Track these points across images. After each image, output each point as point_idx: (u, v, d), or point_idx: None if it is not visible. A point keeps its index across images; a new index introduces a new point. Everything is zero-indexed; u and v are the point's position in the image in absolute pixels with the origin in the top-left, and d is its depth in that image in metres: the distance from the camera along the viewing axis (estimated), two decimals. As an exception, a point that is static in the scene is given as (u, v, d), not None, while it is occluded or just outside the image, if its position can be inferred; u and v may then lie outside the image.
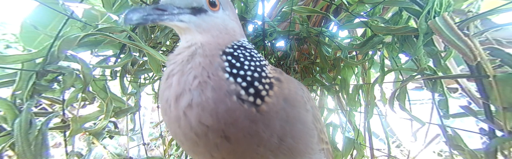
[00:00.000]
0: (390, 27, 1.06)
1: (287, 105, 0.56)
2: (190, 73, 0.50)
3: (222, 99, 0.48)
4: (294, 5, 1.45)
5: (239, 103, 0.49)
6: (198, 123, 0.48)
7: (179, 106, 0.49)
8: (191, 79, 0.49)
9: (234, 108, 0.48)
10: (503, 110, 0.71)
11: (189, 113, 0.48)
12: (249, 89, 0.51)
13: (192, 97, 0.48)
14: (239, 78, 0.51)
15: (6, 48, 4.48)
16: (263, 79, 0.54)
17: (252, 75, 0.53)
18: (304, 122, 0.59)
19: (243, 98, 0.49)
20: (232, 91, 0.49)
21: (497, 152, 0.75)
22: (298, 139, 0.56)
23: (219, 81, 0.49)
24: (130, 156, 1.35)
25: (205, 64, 0.51)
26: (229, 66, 0.52)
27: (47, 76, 0.88)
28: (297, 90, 0.64)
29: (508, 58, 0.70)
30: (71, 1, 1.01)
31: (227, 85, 0.49)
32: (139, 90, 1.39)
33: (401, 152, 3.45)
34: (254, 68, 0.54)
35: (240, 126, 0.49)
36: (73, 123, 0.96)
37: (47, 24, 1.49)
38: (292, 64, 2.03)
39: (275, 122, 0.52)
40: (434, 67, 0.97)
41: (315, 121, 0.65)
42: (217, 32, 0.56)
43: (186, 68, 0.51)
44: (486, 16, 0.77)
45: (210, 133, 0.48)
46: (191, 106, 0.48)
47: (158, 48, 1.38)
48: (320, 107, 1.81)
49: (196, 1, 0.53)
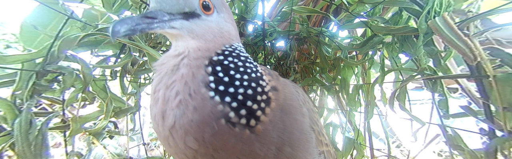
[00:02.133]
0: (390, 27, 1.06)
1: (283, 114, 0.53)
2: (173, 88, 0.46)
3: (207, 122, 0.43)
4: (294, 5, 1.45)
5: (228, 127, 0.43)
6: (184, 146, 0.44)
7: (165, 126, 0.46)
8: (173, 95, 0.45)
9: (223, 132, 0.43)
10: (503, 110, 0.71)
11: (175, 135, 0.45)
12: (240, 110, 0.45)
13: (175, 117, 0.44)
14: (228, 97, 0.45)
15: (6, 48, 4.48)
16: (259, 96, 0.48)
17: (245, 92, 0.46)
18: (301, 128, 0.56)
19: (233, 121, 0.44)
20: (219, 113, 0.43)
21: (497, 152, 0.75)
22: (297, 147, 0.53)
23: (202, 101, 0.43)
24: (130, 156, 1.35)
25: (188, 77, 0.46)
26: (214, 81, 0.46)
27: (47, 76, 0.88)
28: (293, 95, 0.61)
29: (508, 58, 0.70)
30: (71, 1, 1.01)
31: (211, 106, 0.43)
32: (139, 90, 1.39)
33: (401, 152, 3.45)
34: (247, 83, 0.48)
35: (231, 150, 0.45)
36: (73, 123, 0.96)
37: (47, 24, 1.49)
38: (292, 64, 2.03)
39: (272, 136, 0.48)
40: (434, 67, 0.97)
41: (312, 124, 0.63)
42: (211, 36, 0.52)
43: (169, 81, 0.47)
44: (486, 16, 0.77)
45: (198, 156, 0.45)
46: (175, 128, 0.44)
47: (158, 48, 1.38)
48: (320, 107, 1.80)
49: (188, 6, 0.49)
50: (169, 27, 0.47)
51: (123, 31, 0.40)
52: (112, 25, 0.40)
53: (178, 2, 0.48)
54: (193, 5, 0.50)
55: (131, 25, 0.41)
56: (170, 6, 0.48)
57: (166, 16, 0.47)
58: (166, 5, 0.47)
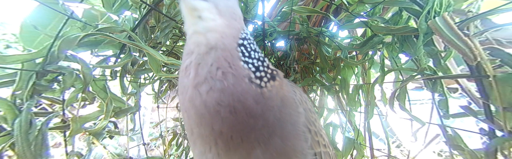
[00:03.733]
0: (390, 27, 1.06)
1: (281, 104, 0.60)
2: (213, 65, 0.55)
3: (239, 83, 0.54)
4: (294, 5, 1.45)
5: (249, 84, 0.55)
6: (215, 104, 0.53)
7: (199, 91, 0.54)
8: (214, 69, 0.54)
9: (247, 89, 0.55)
10: (503, 110, 0.71)
11: (208, 97, 0.54)
12: (256, 73, 0.57)
13: (215, 84, 0.54)
14: (250, 65, 0.58)
15: (6, 48, 4.48)
16: (266, 68, 0.60)
17: (257, 62, 0.59)
18: (295, 123, 0.62)
19: (252, 80, 0.56)
20: (247, 75, 0.56)
21: (497, 152, 0.75)
22: (286, 140, 0.59)
23: (238, 69, 0.55)
24: (130, 156, 1.35)
25: (226, 56, 0.56)
26: (243, 56, 0.57)
27: (47, 76, 0.88)
28: (290, 94, 0.67)
29: (508, 58, 0.70)
30: (71, 1, 1.01)
31: (243, 71, 0.56)
32: (139, 90, 1.39)
33: (401, 152, 3.45)
34: (258, 58, 0.60)
35: (247, 104, 0.55)
36: (73, 123, 0.96)
37: (47, 24, 1.49)
38: (292, 64, 2.03)
39: (269, 114, 0.57)
40: (434, 67, 0.97)
41: (308, 123, 0.66)
42: (230, 19, 0.59)
43: (207, 60, 0.55)
44: (486, 16, 0.76)
45: (222, 109, 0.54)
46: (213, 91, 0.53)
47: (158, 48, 1.38)
48: (320, 107, 1.81)
49: None
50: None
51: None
52: None
53: None
54: None
55: None
56: None
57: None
58: None
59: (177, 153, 1.93)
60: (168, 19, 1.28)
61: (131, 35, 1.03)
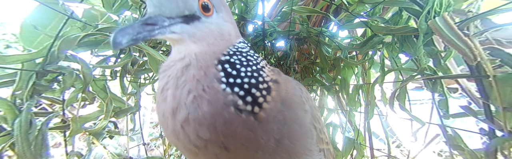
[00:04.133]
0: (390, 27, 1.06)
1: (284, 107, 0.55)
2: (185, 87, 0.49)
3: (219, 112, 0.47)
4: (294, 5, 1.45)
5: (237, 114, 0.48)
6: (196, 137, 0.48)
7: (176, 121, 0.49)
8: (186, 93, 0.48)
9: (232, 120, 0.48)
10: (503, 110, 0.71)
11: (186, 128, 0.48)
12: (246, 97, 0.49)
13: (189, 111, 0.47)
14: (236, 87, 0.49)
15: (6, 48, 4.48)
16: (260, 84, 0.53)
17: (249, 82, 0.51)
18: (302, 123, 0.58)
19: (241, 108, 0.48)
20: (229, 102, 0.48)
21: (497, 152, 0.75)
22: (295, 141, 0.55)
23: (216, 94, 0.48)
24: (130, 156, 1.35)
25: (199, 76, 0.49)
26: (225, 76, 0.50)
27: (47, 76, 0.88)
28: (295, 91, 0.63)
29: (508, 58, 0.70)
30: (71, 1, 1.01)
31: (224, 97, 0.48)
32: (139, 90, 1.39)
33: (401, 152, 3.45)
34: (251, 74, 0.53)
35: (238, 136, 0.49)
36: (73, 123, 0.96)
37: (47, 24, 1.49)
38: (292, 64, 2.03)
39: (272, 126, 0.52)
40: (434, 67, 0.97)
41: (314, 121, 0.64)
42: (213, 39, 0.53)
43: (180, 81, 0.50)
44: (486, 16, 0.77)
45: (209, 145, 0.48)
46: (188, 121, 0.47)
47: (158, 48, 1.38)
48: (320, 107, 1.81)
49: (188, 8, 0.48)
50: (169, 32, 0.47)
51: (126, 41, 0.39)
52: (113, 36, 0.39)
53: (178, 5, 0.47)
54: (193, 7, 0.49)
55: (132, 34, 0.40)
56: (170, 10, 0.47)
57: (166, 21, 0.46)
58: (165, 9, 0.46)
59: (177, 153, 1.93)
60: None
61: (131, 35, 1.03)
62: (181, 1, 0.47)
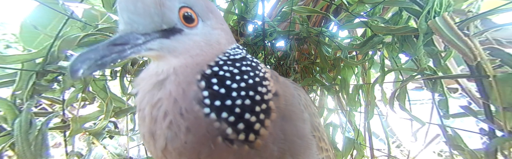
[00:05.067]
0: (390, 27, 1.06)
1: (284, 121, 0.48)
2: (161, 107, 0.41)
3: (202, 143, 0.39)
4: (294, 5, 1.45)
5: (226, 145, 0.40)
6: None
7: (157, 147, 0.42)
8: (162, 115, 0.41)
9: (221, 151, 0.40)
10: (503, 110, 0.71)
11: (168, 156, 0.42)
12: (238, 124, 0.40)
13: (166, 139, 0.40)
14: (224, 113, 0.40)
15: (6, 48, 4.48)
16: (257, 106, 0.43)
17: (243, 103, 0.42)
18: (302, 135, 0.53)
19: (231, 137, 0.40)
20: (215, 131, 0.39)
21: (497, 152, 0.75)
22: (297, 155, 0.49)
23: (196, 120, 0.39)
24: (130, 156, 1.36)
25: (177, 94, 0.41)
26: (209, 96, 0.40)
27: (47, 76, 0.88)
28: (294, 99, 0.57)
29: (508, 58, 0.70)
30: (71, 1, 1.01)
31: (206, 125, 0.39)
32: (139, 90, 1.39)
33: (401, 152, 3.45)
34: (245, 92, 0.43)
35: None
36: (73, 123, 0.96)
37: (47, 24, 1.49)
38: (292, 64, 2.03)
39: (273, 149, 0.45)
40: (434, 67, 0.97)
41: (313, 130, 0.60)
42: (198, 50, 0.46)
43: (154, 99, 0.42)
44: (486, 16, 0.77)
45: None
46: (167, 150, 0.41)
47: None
48: (320, 107, 1.81)
49: (166, 22, 0.42)
50: (146, 50, 0.41)
51: (86, 68, 0.32)
52: (71, 63, 0.32)
53: (153, 20, 0.40)
54: (172, 20, 0.42)
55: (94, 59, 0.33)
56: (144, 26, 0.40)
57: (140, 38, 0.40)
58: (138, 25, 0.40)
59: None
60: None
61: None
62: (156, 15, 0.40)
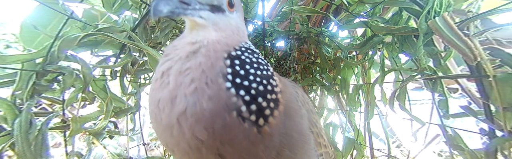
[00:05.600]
0: (390, 27, 1.06)
1: (285, 117, 0.52)
2: (188, 75, 0.45)
3: (220, 113, 0.42)
4: (294, 5, 1.45)
5: (239, 121, 0.43)
6: (192, 136, 0.43)
7: (173, 112, 0.44)
8: (188, 82, 0.44)
9: (233, 126, 0.43)
10: (503, 110, 0.71)
11: (183, 123, 0.43)
12: (251, 105, 0.45)
13: (187, 104, 0.42)
14: (242, 91, 0.44)
15: (6, 48, 4.48)
16: (269, 94, 0.48)
17: (257, 88, 0.47)
18: (301, 130, 0.56)
19: (244, 115, 0.44)
20: (232, 105, 0.43)
21: (497, 152, 0.75)
22: (296, 150, 0.52)
23: (218, 91, 0.43)
24: (130, 156, 1.35)
25: (206, 66, 0.45)
26: (231, 73, 0.45)
27: (47, 76, 0.88)
28: (292, 96, 0.61)
29: (508, 58, 0.70)
30: (71, 1, 1.01)
31: (227, 97, 0.43)
32: (139, 90, 1.39)
33: (401, 152, 3.45)
34: (260, 79, 0.48)
35: (237, 146, 0.44)
36: (73, 123, 0.96)
37: (47, 24, 1.49)
38: (292, 64, 2.03)
39: (275, 140, 0.48)
40: (434, 67, 0.97)
41: (311, 125, 0.63)
42: (230, 32, 0.54)
43: (184, 67, 0.46)
44: (486, 16, 0.77)
45: (204, 148, 0.44)
46: (185, 115, 0.43)
47: (158, 48, 1.38)
48: (320, 107, 1.81)
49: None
50: (198, 16, 0.49)
51: (166, 11, 0.41)
52: (154, 4, 0.40)
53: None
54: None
55: (172, 7, 0.42)
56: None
57: (197, 5, 0.48)
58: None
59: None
60: (168, 19, 1.28)
61: (131, 35, 1.03)
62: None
